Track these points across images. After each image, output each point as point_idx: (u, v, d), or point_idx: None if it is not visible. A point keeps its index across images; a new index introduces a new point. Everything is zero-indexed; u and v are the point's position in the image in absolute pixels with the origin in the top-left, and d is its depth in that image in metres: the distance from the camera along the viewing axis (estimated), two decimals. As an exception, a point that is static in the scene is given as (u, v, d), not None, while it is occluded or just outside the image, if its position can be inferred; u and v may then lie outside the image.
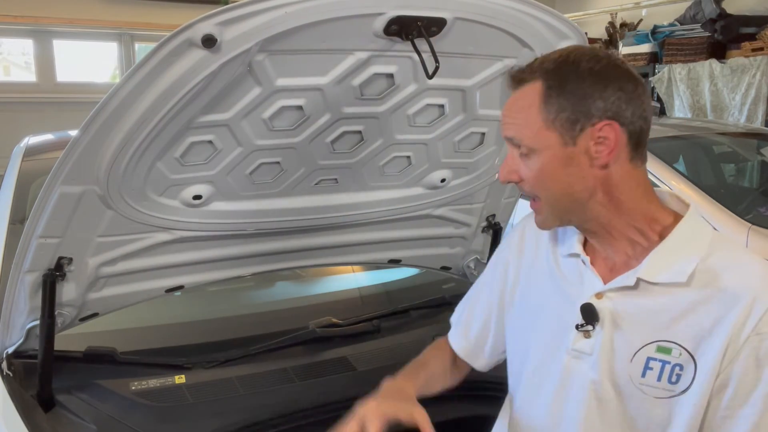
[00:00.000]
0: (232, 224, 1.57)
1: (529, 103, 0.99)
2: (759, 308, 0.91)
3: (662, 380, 0.97)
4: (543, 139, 0.98)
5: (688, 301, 0.96)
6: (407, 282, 2.24)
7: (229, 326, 1.89)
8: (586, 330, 1.03)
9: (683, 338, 0.95)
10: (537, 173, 1.00)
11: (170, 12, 5.94)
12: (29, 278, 1.38)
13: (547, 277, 1.12)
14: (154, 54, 1.10)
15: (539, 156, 0.99)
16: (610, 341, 1.01)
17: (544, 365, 1.11)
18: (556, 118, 0.97)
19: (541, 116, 0.98)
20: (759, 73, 4.61)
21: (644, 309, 0.99)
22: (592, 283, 1.04)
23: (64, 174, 1.24)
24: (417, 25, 1.20)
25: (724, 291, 0.94)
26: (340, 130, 1.45)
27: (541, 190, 1.01)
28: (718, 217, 2.73)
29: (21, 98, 5.80)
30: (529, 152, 1.00)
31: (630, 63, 5.49)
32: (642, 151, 1.00)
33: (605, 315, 1.01)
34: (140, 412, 1.44)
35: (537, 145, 0.99)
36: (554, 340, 1.08)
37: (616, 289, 1.01)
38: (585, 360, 1.03)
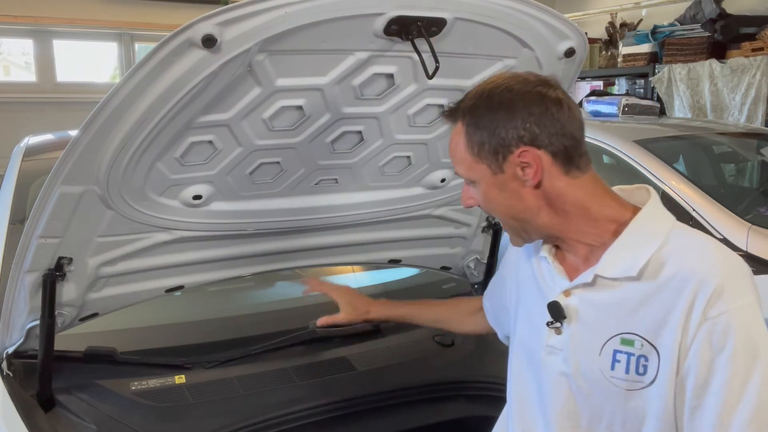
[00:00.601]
0: (232, 224, 1.57)
1: (456, 142, 1.08)
2: (705, 291, 0.93)
3: (630, 372, 0.99)
4: (476, 171, 1.07)
5: (641, 293, 0.99)
6: (407, 282, 2.24)
7: (229, 326, 1.89)
8: (556, 327, 1.08)
9: (642, 329, 0.99)
10: (483, 200, 1.10)
11: (170, 12, 5.93)
12: (29, 278, 1.38)
13: (532, 280, 1.18)
14: (154, 54, 1.10)
15: (479, 185, 1.08)
16: (577, 336, 1.06)
17: (529, 361, 1.16)
18: (480, 151, 1.05)
19: (468, 152, 1.06)
20: (759, 73, 4.61)
21: (604, 303, 1.03)
22: (560, 281, 1.09)
23: (64, 174, 1.24)
24: (417, 25, 1.20)
25: (673, 278, 0.96)
26: (340, 130, 1.45)
27: (492, 213, 1.13)
28: (718, 217, 2.73)
29: (21, 98, 5.79)
30: (471, 183, 1.10)
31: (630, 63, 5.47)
32: (578, 161, 1.04)
33: (571, 311, 1.06)
34: (140, 412, 1.44)
35: (473, 177, 1.08)
36: (534, 338, 1.13)
37: (580, 286, 1.06)
38: (558, 355, 1.08)
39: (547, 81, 1.05)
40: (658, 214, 1.05)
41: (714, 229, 2.70)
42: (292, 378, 1.61)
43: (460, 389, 1.65)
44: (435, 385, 1.64)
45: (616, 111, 4.21)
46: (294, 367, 1.65)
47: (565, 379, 1.07)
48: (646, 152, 3.09)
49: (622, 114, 4.18)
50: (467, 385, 1.64)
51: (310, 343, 1.76)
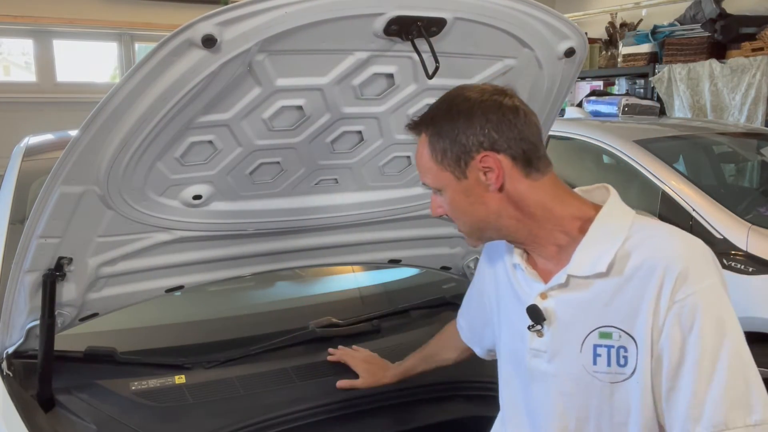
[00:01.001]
0: (232, 224, 1.57)
1: (421, 152, 1.12)
2: (670, 276, 0.97)
3: (612, 365, 1.02)
4: (441, 179, 1.11)
5: (612, 287, 1.03)
6: (407, 282, 2.24)
7: (229, 326, 1.89)
8: (537, 329, 1.10)
9: (618, 320, 1.02)
10: (450, 207, 1.13)
11: (170, 12, 5.93)
12: (29, 278, 1.38)
13: (508, 284, 1.20)
14: (154, 54, 1.10)
15: (445, 193, 1.12)
16: (558, 336, 1.08)
17: (516, 366, 1.18)
18: (443, 159, 1.09)
19: (432, 161, 1.10)
20: (759, 73, 4.61)
21: (579, 301, 1.06)
22: (536, 285, 1.12)
23: (64, 174, 1.24)
24: (417, 25, 1.20)
25: (639, 269, 1.00)
26: (340, 130, 1.45)
27: (458, 220, 1.14)
28: (718, 217, 2.73)
29: (21, 98, 5.80)
30: (437, 191, 1.13)
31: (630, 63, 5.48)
32: (537, 164, 1.08)
33: (550, 313, 1.09)
34: (140, 412, 1.44)
35: (439, 185, 1.12)
36: (517, 344, 1.16)
37: (555, 288, 1.09)
38: (542, 357, 1.11)
39: (503, 90, 1.10)
40: (619, 209, 1.09)
41: (714, 229, 2.70)
42: (292, 378, 1.61)
43: (460, 389, 1.65)
44: (435, 385, 1.64)
45: (616, 111, 4.21)
46: (294, 367, 1.65)
47: (552, 381, 1.10)
48: (646, 152, 3.09)
49: (622, 114, 4.18)
50: (467, 385, 1.64)
51: (310, 343, 1.76)
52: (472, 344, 1.43)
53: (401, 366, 1.57)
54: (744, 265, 2.55)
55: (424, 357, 1.54)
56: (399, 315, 1.95)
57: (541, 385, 1.12)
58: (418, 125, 1.13)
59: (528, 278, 1.14)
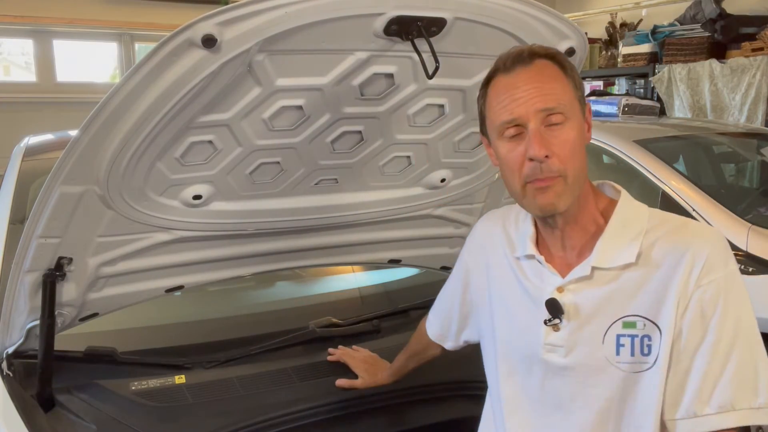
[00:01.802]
0: (232, 224, 1.57)
1: (555, 74, 1.03)
2: (698, 262, 0.99)
3: (635, 354, 1.02)
4: (574, 107, 1.04)
5: (639, 276, 1.03)
6: (407, 282, 2.24)
7: (229, 326, 1.89)
8: (554, 324, 1.08)
9: (643, 309, 1.02)
10: (570, 145, 1.02)
11: (170, 12, 5.93)
12: (29, 278, 1.38)
13: (512, 278, 1.18)
14: (154, 54, 1.10)
15: (571, 125, 1.02)
16: (578, 330, 1.07)
17: (524, 362, 1.15)
18: (577, 90, 1.05)
19: (569, 85, 1.04)
20: (759, 73, 4.60)
21: (603, 293, 1.05)
22: (552, 279, 1.10)
23: (64, 174, 1.24)
24: (417, 25, 1.20)
25: (666, 256, 1.02)
26: (340, 130, 1.45)
27: (569, 164, 1.02)
28: (718, 217, 2.72)
29: (21, 98, 5.79)
30: (564, 121, 1.02)
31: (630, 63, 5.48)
32: None
33: (569, 307, 1.07)
34: (140, 412, 1.44)
35: (571, 114, 1.03)
36: (529, 337, 1.13)
37: (575, 281, 1.07)
38: (559, 352, 1.09)
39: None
40: (634, 202, 1.11)
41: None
42: (292, 378, 1.61)
43: (460, 389, 1.65)
44: (435, 385, 1.64)
45: (616, 111, 4.21)
46: (294, 367, 1.65)
47: (571, 374, 1.08)
48: (646, 152, 3.09)
49: (622, 114, 4.18)
50: (467, 385, 1.64)
51: (310, 343, 1.76)
52: (441, 341, 1.42)
53: (394, 366, 1.57)
54: (744, 265, 2.55)
55: (410, 356, 1.54)
56: (399, 315, 1.95)
57: (559, 379, 1.09)
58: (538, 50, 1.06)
59: (541, 271, 1.12)
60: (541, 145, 1.00)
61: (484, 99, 1.10)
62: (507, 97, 1.03)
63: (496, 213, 1.31)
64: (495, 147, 1.09)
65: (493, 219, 1.29)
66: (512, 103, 1.02)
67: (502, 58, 1.07)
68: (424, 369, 1.66)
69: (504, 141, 1.05)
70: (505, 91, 1.04)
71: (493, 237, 1.23)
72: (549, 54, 1.05)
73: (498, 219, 1.27)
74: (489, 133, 1.11)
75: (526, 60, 1.04)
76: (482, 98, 1.11)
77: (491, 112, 1.07)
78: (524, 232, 1.17)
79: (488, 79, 1.09)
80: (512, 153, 1.04)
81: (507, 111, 1.03)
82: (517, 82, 1.03)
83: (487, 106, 1.09)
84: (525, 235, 1.16)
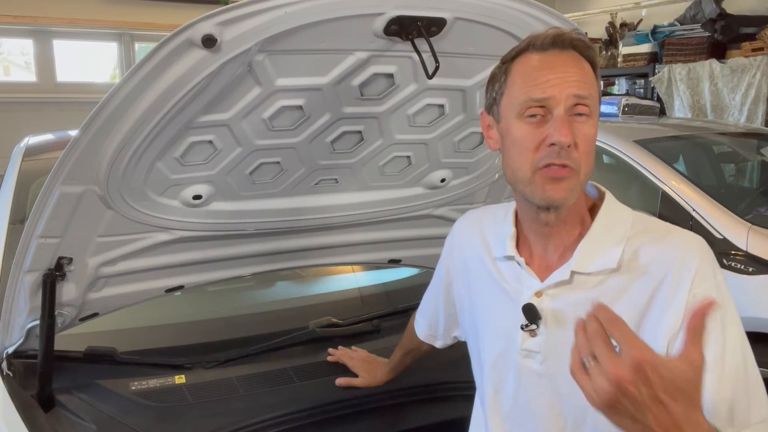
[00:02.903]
0: (232, 224, 1.57)
1: (586, 68, 0.99)
2: (688, 271, 0.94)
3: None
4: (597, 106, 1.01)
5: (621, 284, 0.99)
6: (407, 282, 2.24)
7: (229, 326, 1.89)
8: (531, 329, 1.04)
9: (624, 318, 0.95)
10: (590, 140, 0.99)
11: (170, 12, 5.93)
12: (29, 278, 1.38)
13: (489, 279, 1.13)
14: (154, 54, 1.10)
15: (593, 121, 0.99)
16: (555, 337, 1.03)
17: (500, 365, 1.12)
18: (598, 85, 1.01)
19: (596, 84, 1.01)
20: (759, 73, 4.61)
21: (583, 299, 1.00)
22: (530, 282, 1.06)
23: (64, 174, 1.24)
24: (417, 25, 1.20)
25: (652, 266, 0.97)
26: (340, 130, 1.45)
27: (586, 159, 0.99)
28: (718, 217, 2.73)
29: (21, 98, 5.80)
30: (591, 114, 0.98)
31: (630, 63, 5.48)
32: None
33: (547, 313, 1.03)
34: (140, 412, 1.44)
35: (595, 111, 1.00)
36: (505, 341, 1.09)
37: (554, 285, 1.03)
38: (535, 358, 1.05)
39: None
40: (618, 206, 1.06)
41: (714, 229, 2.70)
42: (292, 378, 1.61)
43: (458, 389, 1.65)
44: (435, 385, 1.64)
45: (616, 111, 4.21)
46: (294, 367, 1.65)
47: (546, 381, 1.04)
48: (646, 152, 3.09)
49: (622, 114, 4.18)
50: (466, 385, 1.64)
51: (310, 343, 1.76)
52: (431, 341, 1.41)
53: (391, 363, 1.57)
54: (744, 265, 2.55)
55: (405, 352, 1.54)
56: (399, 315, 1.94)
57: (533, 386, 1.06)
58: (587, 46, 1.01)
59: (520, 274, 1.08)
60: (569, 130, 0.95)
61: (506, 75, 1.01)
62: (540, 75, 0.97)
63: (474, 214, 1.27)
64: (507, 127, 1.01)
65: (471, 220, 1.25)
66: (546, 82, 0.96)
67: (536, 36, 0.99)
68: (423, 369, 1.66)
69: (523, 121, 0.98)
70: (538, 69, 0.97)
71: (470, 237, 1.20)
72: (585, 47, 1.00)
73: (476, 220, 1.23)
74: (502, 112, 1.03)
75: (564, 45, 0.98)
76: (503, 74, 1.02)
77: (515, 88, 0.99)
78: (504, 232, 1.12)
79: (515, 54, 1.01)
80: (530, 135, 0.98)
81: (539, 89, 0.96)
82: (553, 62, 0.97)
83: (510, 81, 1.01)
84: (505, 236, 1.11)
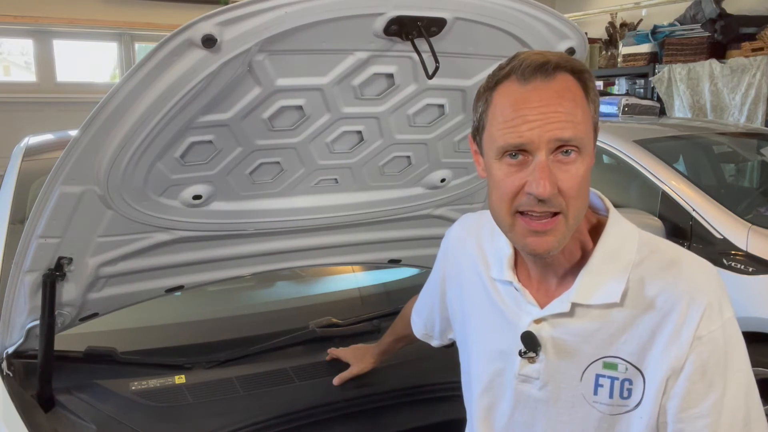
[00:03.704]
0: (232, 224, 1.57)
1: (576, 96, 0.89)
2: (695, 311, 0.89)
3: (614, 396, 0.95)
4: (589, 138, 0.90)
5: (624, 318, 0.94)
6: (407, 282, 2.24)
7: (229, 326, 1.89)
8: (530, 357, 1.00)
9: (626, 353, 0.93)
10: (578, 181, 0.89)
11: (170, 12, 5.94)
12: (29, 278, 1.38)
13: (485, 297, 1.09)
14: (154, 54, 1.10)
15: (583, 160, 0.89)
16: (555, 365, 0.99)
17: (495, 386, 1.08)
18: (594, 114, 0.91)
19: (589, 111, 0.90)
20: (759, 73, 4.61)
21: (583, 330, 0.96)
22: (529, 308, 1.01)
23: (64, 174, 1.24)
24: (417, 25, 1.20)
25: (658, 300, 0.92)
26: (340, 130, 1.45)
27: (573, 202, 0.89)
28: (718, 217, 2.73)
29: (21, 98, 5.80)
30: (577, 155, 0.89)
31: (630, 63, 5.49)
32: None
33: (546, 341, 0.99)
34: (140, 412, 1.44)
35: (586, 146, 0.89)
36: (500, 363, 1.06)
37: (553, 315, 0.98)
38: (534, 384, 1.01)
39: None
40: (623, 225, 0.98)
41: (714, 229, 2.70)
42: (292, 378, 1.61)
43: (459, 389, 1.65)
44: (434, 385, 1.64)
45: (616, 111, 4.21)
46: (294, 367, 1.65)
47: (543, 408, 1.01)
48: (646, 152, 3.09)
49: (622, 114, 4.18)
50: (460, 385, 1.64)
51: (310, 343, 1.76)
52: (427, 339, 1.38)
53: (380, 346, 1.59)
54: (744, 265, 2.55)
55: (398, 338, 1.55)
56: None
57: (530, 410, 1.02)
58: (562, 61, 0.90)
59: (519, 299, 1.02)
60: (548, 181, 0.86)
61: (487, 104, 0.93)
62: (517, 116, 0.88)
63: (470, 220, 1.21)
64: (489, 165, 0.94)
65: (468, 227, 1.19)
66: (523, 125, 0.87)
67: (519, 62, 0.89)
68: (423, 370, 1.67)
69: (502, 164, 0.91)
70: (516, 108, 0.88)
71: (466, 248, 1.14)
72: (575, 69, 0.90)
73: (473, 228, 1.17)
74: (484, 146, 0.95)
75: (549, 72, 0.88)
76: (485, 103, 0.93)
77: (494, 126, 0.91)
78: (501, 251, 1.06)
79: (497, 81, 0.92)
80: (509, 179, 0.90)
81: (515, 133, 0.88)
82: (532, 99, 0.87)
83: (490, 115, 0.92)
84: (502, 256, 1.05)
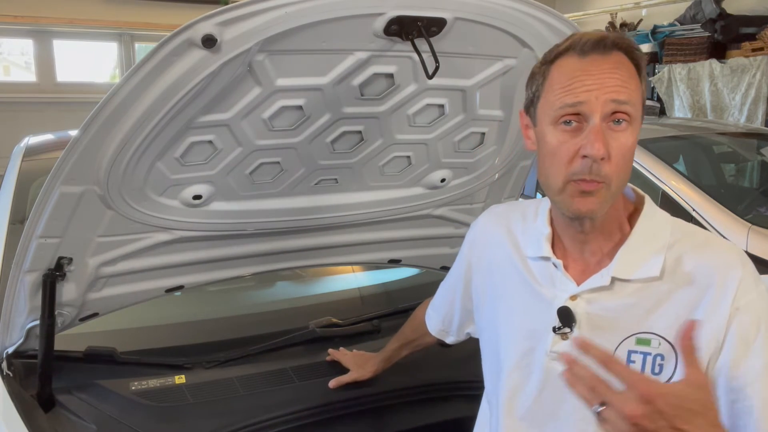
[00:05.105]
0: (232, 224, 1.57)
1: (630, 72, 0.94)
2: (732, 282, 0.93)
3: (645, 371, 0.97)
4: (639, 112, 0.95)
5: (661, 293, 0.97)
6: (407, 282, 2.24)
7: (229, 326, 1.89)
8: (564, 332, 1.02)
9: (661, 328, 0.96)
10: (627, 151, 0.94)
11: (170, 12, 5.94)
12: (29, 278, 1.38)
13: (518, 278, 1.11)
14: (154, 54, 1.10)
15: (633, 130, 0.94)
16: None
17: (522, 366, 1.09)
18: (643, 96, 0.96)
19: (641, 89, 0.95)
20: (759, 73, 4.61)
21: (620, 306, 0.99)
22: (566, 285, 1.04)
23: (64, 174, 1.24)
24: (417, 25, 1.20)
25: (696, 275, 0.95)
26: (340, 130, 1.45)
27: (620, 172, 0.94)
28: (718, 217, 2.73)
29: (21, 98, 5.81)
30: (632, 121, 0.93)
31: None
32: None
33: (581, 317, 1.01)
34: (140, 412, 1.44)
35: (636, 117, 0.94)
36: (531, 341, 1.07)
37: (591, 290, 1.01)
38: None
39: None
40: (658, 211, 1.04)
41: (714, 229, 2.70)
42: (292, 378, 1.61)
43: (459, 389, 1.65)
44: (434, 385, 1.64)
45: (616, 111, 4.21)
46: (294, 367, 1.65)
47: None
48: (646, 152, 3.10)
49: (622, 114, 4.18)
50: (467, 385, 1.64)
51: (310, 343, 1.76)
52: (443, 336, 1.38)
53: (383, 354, 1.58)
54: (744, 265, 2.55)
55: (404, 344, 1.53)
56: (399, 315, 1.94)
57: (558, 389, 1.01)
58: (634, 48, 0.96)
59: (554, 275, 1.05)
60: (602, 143, 0.91)
61: (545, 76, 0.98)
62: (576, 81, 0.93)
63: (498, 209, 1.26)
64: (543, 133, 0.98)
65: (496, 216, 1.23)
66: (581, 88, 0.92)
67: (578, 38, 0.95)
68: (425, 369, 1.67)
69: (557, 129, 0.95)
70: (574, 74, 0.93)
71: (495, 235, 1.18)
72: (630, 49, 0.95)
73: (501, 216, 1.21)
74: (539, 115, 0.99)
75: (606, 48, 0.93)
76: (542, 75, 0.98)
77: (551, 92, 0.96)
78: (538, 231, 1.10)
79: (556, 56, 0.97)
80: (564, 145, 0.94)
81: (572, 94, 0.93)
82: (590, 68, 0.93)
83: (548, 84, 0.97)
84: (540, 235, 1.09)
